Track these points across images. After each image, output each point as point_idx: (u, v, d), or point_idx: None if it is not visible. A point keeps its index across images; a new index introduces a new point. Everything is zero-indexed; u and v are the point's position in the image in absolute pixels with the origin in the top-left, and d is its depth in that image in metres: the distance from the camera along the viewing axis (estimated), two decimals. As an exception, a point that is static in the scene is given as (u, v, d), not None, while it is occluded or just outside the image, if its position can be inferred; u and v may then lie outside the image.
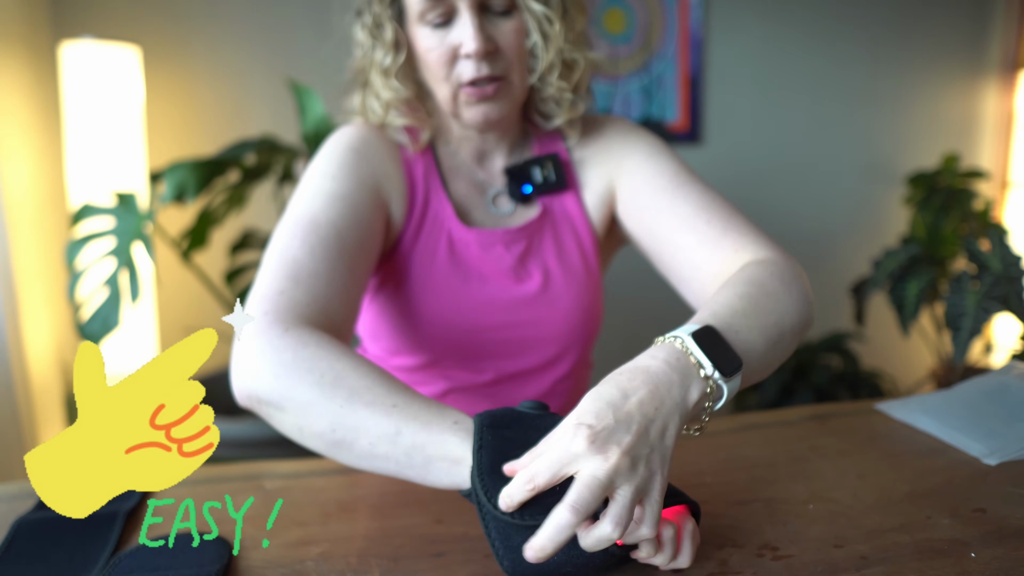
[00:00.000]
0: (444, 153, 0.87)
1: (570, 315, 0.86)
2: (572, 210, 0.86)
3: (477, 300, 0.83)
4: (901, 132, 2.78)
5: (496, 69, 0.76)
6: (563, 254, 0.85)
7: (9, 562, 0.55)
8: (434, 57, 0.76)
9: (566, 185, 0.86)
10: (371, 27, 0.80)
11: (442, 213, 0.83)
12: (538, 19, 0.77)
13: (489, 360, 0.86)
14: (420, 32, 0.77)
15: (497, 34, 0.76)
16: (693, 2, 2.51)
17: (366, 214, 0.75)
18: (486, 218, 0.85)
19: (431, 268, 0.82)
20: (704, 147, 2.63)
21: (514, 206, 0.86)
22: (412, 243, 0.82)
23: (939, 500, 0.64)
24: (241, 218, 2.03)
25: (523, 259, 0.84)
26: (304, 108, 1.60)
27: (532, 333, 0.85)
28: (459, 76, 0.76)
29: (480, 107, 0.78)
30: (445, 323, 0.83)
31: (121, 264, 1.49)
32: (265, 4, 2.20)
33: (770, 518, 0.61)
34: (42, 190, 1.98)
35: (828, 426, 0.81)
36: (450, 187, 0.85)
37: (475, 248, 0.83)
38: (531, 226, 0.85)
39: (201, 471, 0.72)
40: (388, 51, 0.79)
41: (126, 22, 2.10)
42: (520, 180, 0.85)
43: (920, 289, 2.04)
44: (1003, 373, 0.86)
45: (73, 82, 1.81)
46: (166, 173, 1.51)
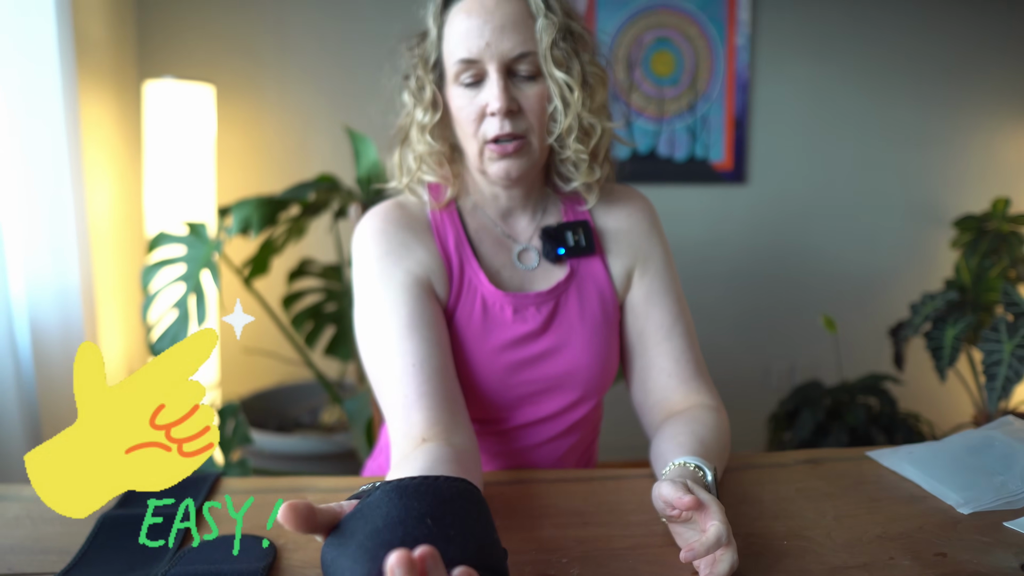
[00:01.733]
0: (468, 211, 0.96)
1: (591, 367, 0.93)
2: (598, 273, 0.95)
3: (509, 359, 0.91)
4: (951, 175, 2.78)
5: (518, 128, 0.86)
6: (586, 312, 0.94)
7: (94, 551, 0.67)
8: (464, 115, 0.87)
9: (594, 251, 0.95)
10: (414, 89, 0.91)
11: (475, 279, 0.91)
12: (559, 86, 0.86)
13: (515, 409, 0.93)
14: (454, 92, 0.88)
15: (521, 97, 0.86)
16: (740, 44, 2.58)
17: (429, 317, 0.86)
18: (513, 274, 0.94)
19: (467, 329, 0.90)
20: (749, 187, 2.68)
21: (538, 261, 0.95)
22: (454, 308, 0.90)
23: (906, 543, 0.70)
24: (299, 247, 2.18)
25: (551, 318, 0.92)
26: (359, 154, 1.73)
27: (556, 384, 0.93)
28: (485, 133, 0.86)
29: (502, 163, 0.87)
30: (478, 379, 0.90)
31: (190, 289, 1.63)
32: (330, 51, 2.37)
33: (745, 551, 0.68)
34: (122, 216, 2.17)
35: (819, 470, 0.88)
36: (479, 250, 0.93)
37: (508, 311, 0.91)
38: (559, 287, 0.93)
39: (252, 482, 0.83)
40: (427, 109, 0.90)
41: (203, 63, 2.28)
42: (555, 242, 0.94)
43: (957, 334, 2.05)
44: (992, 428, 0.91)
45: (154, 117, 1.99)
46: (234, 208, 1.65)
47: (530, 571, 0.65)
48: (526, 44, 0.84)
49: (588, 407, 0.96)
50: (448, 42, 0.87)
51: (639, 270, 0.97)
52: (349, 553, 0.48)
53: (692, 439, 0.80)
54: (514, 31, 0.83)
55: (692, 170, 2.63)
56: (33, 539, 0.70)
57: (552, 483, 0.84)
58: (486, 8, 0.83)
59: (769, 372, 2.80)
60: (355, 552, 0.47)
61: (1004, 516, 0.75)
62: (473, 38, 0.83)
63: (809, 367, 2.78)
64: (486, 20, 0.83)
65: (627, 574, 0.64)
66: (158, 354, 1.60)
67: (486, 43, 0.83)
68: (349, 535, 0.49)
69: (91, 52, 1.97)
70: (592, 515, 0.76)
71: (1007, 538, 0.71)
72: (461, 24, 0.84)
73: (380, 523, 0.49)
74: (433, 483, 0.53)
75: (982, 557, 0.67)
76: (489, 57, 0.84)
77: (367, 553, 0.47)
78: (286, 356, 2.35)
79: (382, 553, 0.46)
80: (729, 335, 2.76)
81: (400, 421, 0.79)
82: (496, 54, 0.83)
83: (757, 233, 2.72)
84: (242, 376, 2.42)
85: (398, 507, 0.50)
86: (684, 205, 2.65)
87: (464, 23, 0.84)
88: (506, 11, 0.83)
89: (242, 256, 2.13)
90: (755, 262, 2.74)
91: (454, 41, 0.85)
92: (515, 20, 0.84)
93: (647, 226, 0.99)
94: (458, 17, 0.85)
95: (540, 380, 0.92)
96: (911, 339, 2.24)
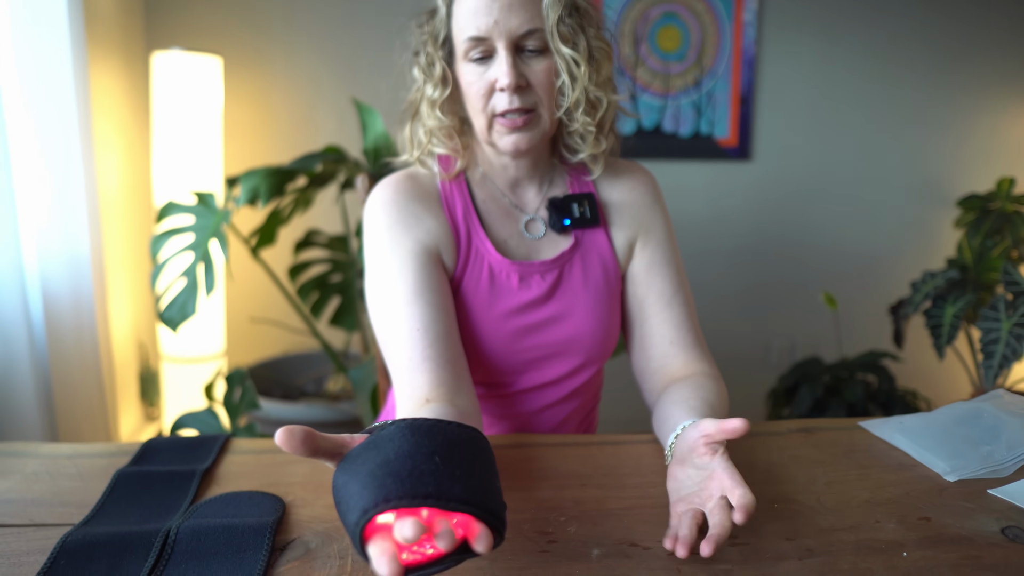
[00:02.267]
0: (476, 182, 0.98)
1: (594, 334, 0.97)
2: (602, 243, 0.98)
3: (515, 324, 0.94)
4: (956, 155, 2.78)
5: (526, 102, 0.88)
6: (589, 280, 0.97)
7: (111, 504, 0.70)
8: (474, 90, 0.89)
9: (599, 223, 0.98)
10: (424, 65, 0.93)
11: (482, 247, 0.94)
12: (566, 61, 0.88)
13: (520, 374, 0.97)
14: (464, 68, 0.89)
15: (529, 72, 0.88)
16: (747, 21, 2.57)
17: (435, 284, 0.89)
18: (520, 243, 0.97)
19: (474, 296, 0.93)
20: (753, 163, 2.69)
21: (544, 231, 0.98)
22: (461, 276, 0.93)
23: (892, 508, 0.73)
24: (305, 218, 2.20)
25: (556, 286, 0.96)
26: (366, 125, 1.74)
27: (559, 350, 0.97)
28: (494, 107, 0.89)
29: (512, 136, 0.90)
30: (484, 345, 0.94)
31: (198, 258, 1.66)
32: (337, 23, 2.37)
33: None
34: (130, 187, 2.18)
35: (812, 439, 0.90)
36: (485, 220, 0.96)
37: (515, 278, 0.94)
38: (563, 256, 0.96)
39: (261, 444, 0.86)
40: (436, 85, 0.92)
41: (211, 34, 2.28)
42: (561, 213, 0.97)
43: (956, 312, 2.06)
44: (982, 400, 0.93)
45: (162, 89, 2.00)
46: (242, 178, 1.67)
47: (529, 528, 0.68)
48: (533, 21, 0.86)
49: (589, 373, 0.99)
50: (457, 20, 0.88)
51: (641, 241, 1.00)
52: (359, 479, 0.50)
53: (703, 404, 0.81)
54: (521, 8, 0.85)
55: (697, 146, 2.63)
56: (52, 493, 0.73)
57: (552, 447, 0.87)
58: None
59: (770, 348, 2.83)
60: (365, 479, 0.50)
61: (989, 484, 0.77)
62: (482, 16, 0.85)
63: (810, 344, 2.80)
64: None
65: (621, 532, 0.67)
66: (167, 321, 1.64)
67: (495, 21, 0.85)
68: (361, 463, 0.52)
69: (100, 24, 1.97)
70: (589, 477, 0.79)
71: (990, 504, 0.73)
72: (470, 2, 0.86)
73: (391, 454, 0.51)
74: (445, 426, 0.56)
75: (965, 521, 0.70)
76: (498, 34, 0.85)
77: (376, 480, 0.49)
78: (292, 326, 2.38)
79: (389, 482, 0.48)
80: (731, 311, 2.78)
81: (405, 383, 0.82)
82: (504, 31, 0.85)
83: (761, 210, 2.73)
84: (248, 345, 2.45)
85: (410, 442, 0.53)
86: (688, 181, 2.66)
87: (473, 2, 0.86)
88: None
89: (249, 226, 2.15)
90: (758, 239, 2.75)
91: (464, 19, 0.87)
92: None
93: (650, 199, 1.02)
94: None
95: (544, 346, 0.95)
96: (911, 317, 2.25)
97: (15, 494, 0.73)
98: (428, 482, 0.49)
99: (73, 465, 0.80)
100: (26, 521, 0.68)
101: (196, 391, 2.01)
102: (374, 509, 0.47)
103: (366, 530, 0.48)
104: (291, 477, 0.77)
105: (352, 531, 0.49)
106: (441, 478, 0.50)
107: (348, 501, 0.50)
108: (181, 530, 0.63)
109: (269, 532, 0.64)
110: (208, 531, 0.63)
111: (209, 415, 1.38)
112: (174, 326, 1.64)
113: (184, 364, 2.11)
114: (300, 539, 0.65)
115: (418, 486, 0.48)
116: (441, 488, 0.49)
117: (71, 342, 1.63)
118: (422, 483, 0.49)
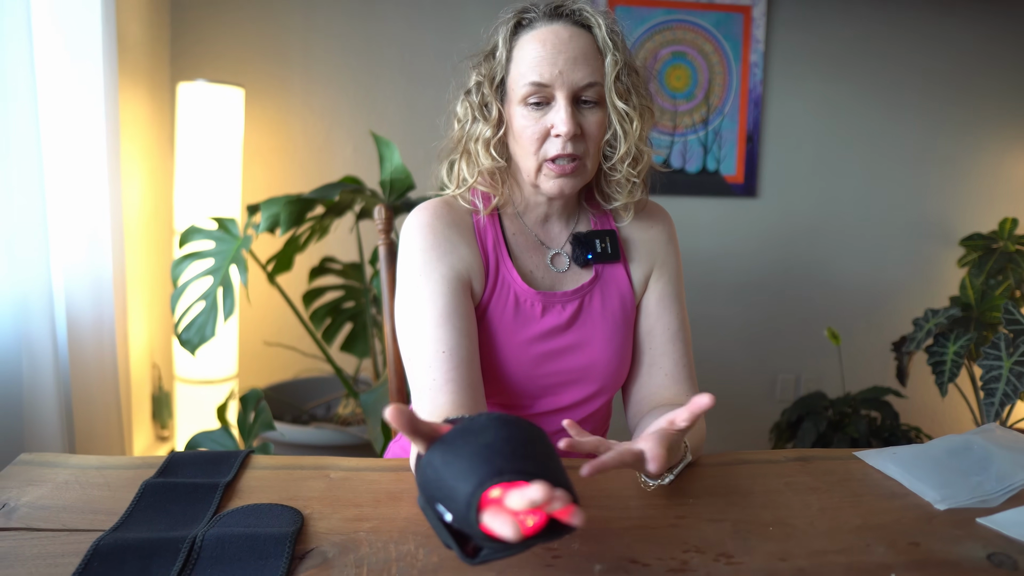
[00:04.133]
0: (508, 216, 1.04)
1: (610, 363, 1.02)
2: (620, 278, 1.05)
3: (537, 350, 0.99)
4: (960, 194, 2.82)
5: (577, 150, 0.94)
6: (607, 311, 1.02)
7: (139, 512, 0.74)
8: (528, 133, 0.94)
9: (619, 258, 1.04)
10: (477, 105, 0.98)
11: (509, 277, 0.99)
12: (620, 115, 0.95)
13: (538, 398, 1.02)
14: (518, 111, 0.95)
15: (584, 122, 0.94)
16: (754, 62, 2.64)
17: (463, 310, 0.94)
18: (545, 275, 1.03)
19: (500, 322, 0.98)
20: (759, 200, 2.74)
21: (568, 264, 1.04)
22: (488, 303, 0.99)
23: (883, 533, 0.76)
24: (321, 245, 2.26)
25: (576, 316, 1.01)
26: (383, 157, 1.80)
27: (577, 376, 1.02)
28: (546, 152, 0.94)
29: (558, 181, 0.95)
30: (507, 369, 0.98)
31: (218, 282, 1.71)
32: (354, 56, 2.45)
33: (733, 534, 0.74)
34: (153, 211, 2.25)
35: (809, 467, 0.93)
36: (514, 252, 1.02)
37: (538, 307, 1.00)
38: (584, 288, 1.02)
39: (280, 460, 0.90)
40: (492, 126, 0.97)
41: (233, 66, 2.37)
42: (583, 248, 1.03)
43: (958, 350, 2.09)
44: (974, 433, 0.96)
45: (186, 118, 2.07)
46: (263, 205, 1.72)
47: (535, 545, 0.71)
48: (594, 75, 0.92)
49: (603, 400, 1.04)
50: (519, 65, 0.94)
51: (655, 275, 1.06)
52: (465, 456, 0.55)
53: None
54: (584, 63, 0.92)
55: (704, 182, 2.69)
56: (83, 501, 0.77)
57: (557, 470, 0.90)
58: (561, 39, 0.92)
59: (775, 383, 2.85)
60: (471, 456, 0.55)
61: (978, 513, 0.80)
62: (547, 65, 0.91)
63: (815, 379, 2.82)
64: (560, 50, 0.91)
65: (622, 549, 0.71)
66: (185, 344, 1.69)
67: (559, 71, 0.91)
68: (461, 444, 0.57)
69: (129, 55, 2.06)
70: (594, 499, 0.82)
71: (978, 532, 0.76)
72: (535, 51, 0.92)
73: (491, 438, 0.57)
74: (526, 423, 0.61)
75: (952, 547, 0.73)
76: (560, 84, 0.91)
77: (482, 457, 0.54)
78: (305, 350, 2.42)
79: (499, 460, 0.54)
80: (737, 346, 2.81)
81: (427, 402, 0.87)
82: (567, 82, 0.91)
83: (766, 246, 2.77)
84: (261, 368, 2.50)
85: (505, 430, 0.58)
86: (696, 217, 2.71)
87: (539, 50, 0.92)
88: (578, 44, 0.92)
89: (266, 252, 2.20)
90: (764, 274, 2.79)
91: (526, 64, 0.93)
92: (586, 53, 0.92)
93: (666, 237, 1.08)
94: (532, 44, 0.93)
95: (563, 372, 1.00)
96: (914, 354, 2.28)
97: (48, 501, 0.77)
98: (531, 462, 0.55)
99: (101, 476, 0.84)
100: (59, 526, 0.72)
101: (208, 413, 2.05)
102: (490, 480, 0.52)
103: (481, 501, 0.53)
104: (309, 492, 0.81)
105: (467, 500, 0.53)
106: (539, 460, 0.56)
107: (456, 476, 0.55)
108: (207, 537, 0.66)
109: (289, 541, 0.67)
110: (232, 539, 0.67)
111: (223, 434, 1.41)
112: (192, 348, 1.69)
113: (197, 385, 2.15)
114: (318, 549, 0.69)
115: (525, 464, 0.54)
116: (541, 468, 0.55)
117: (92, 362, 1.68)
118: (527, 462, 0.54)
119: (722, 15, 2.60)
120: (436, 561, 0.67)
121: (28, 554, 0.66)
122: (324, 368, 2.47)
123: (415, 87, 2.45)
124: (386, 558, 0.67)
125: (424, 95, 2.44)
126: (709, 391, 0.71)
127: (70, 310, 1.64)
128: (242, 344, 2.38)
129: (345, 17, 2.43)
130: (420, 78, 2.45)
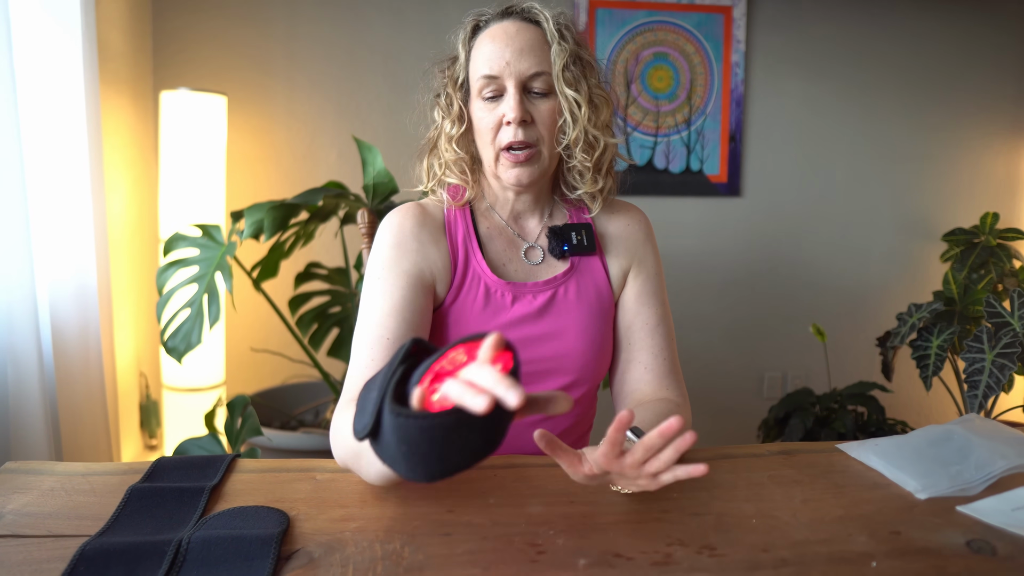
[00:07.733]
0: (481, 212, 1.07)
1: (585, 353, 1.03)
2: (596, 270, 1.07)
3: (507, 338, 1.00)
4: (941, 190, 2.85)
5: (529, 137, 0.98)
6: (582, 301, 1.04)
7: (125, 517, 0.74)
8: (484, 124, 0.99)
9: (595, 250, 1.06)
10: (444, 105, 1.04)
11: (479, 268, 1.02)
12: (569, 102, 0.98)
13: None
14: (477, 105, 1.00)
15: (534, 110, 0.98)
16: (735, 62, 2.66)
17: (418, 306, 0.97)
18: (519, 267, 1.05)
19: (470, 313, 1.01)
20: (743, 199, 2.76)
21: (543, 257, 1.06)
22: (454, 299, 1.01)
23: (864, 523, 0.77)
24: (306, 251, 2.26)
25: (548, 304, 1.03)
26: (366, 162, 1.81)
27: (551, 367, 1.03)
28: (500, 141, 0.98)
29: (515, 170, 0.99)
30: None
31: (203, 289, 1.71)
32: (337, 63, 2.46)
33: (716, 527, 0.75)
34: (137, 219, 2.24)
35: (792, 460, 0.94)
36: (486, 246, 1.04)
37: (508, 297, 1.02)
38: (558, 278, 1.04)
39: (266, 463, 0.90)
40: (454, 122, 1.02)
41: (216, 74, 2.37)
42: (559, 240, 1.05)
43: (941, 344, 2.11)
44: (954, 423, 0.98)
45: (169, 126, 2.07)
46: (246, 212, 1.72)
47: (520, 540, 0.72)
48: (541, 65, 0.97)
49: (580, 392, 1.04)
50: (475, 61, 1.00)
51: (634, 272, 1.08)
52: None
53: (654, 417, 0.91)
54: (531, 54, 0.97)
55: (688, 182, 2.70)
56: (68, 507, 0.77)
57: (543, 467, 0.91)
58: (508, 33, 0.98)
59: (762, 381, 2.87)
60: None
61: (958, 501, 0.81)
62: (496, 58, 0.97)
63: (801, 376, 2.84)
64: (507, 43, 0.97)
65: (606, 543, 0.71)
66: (172, 352, 1.68)
67: (506, 62, 0.96)
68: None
69: (111, 64, 2.05)
70: (578, 495, 0.82)
71: (958, 520, 0.77)
72: (486, 46, 0.98)
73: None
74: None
75: (932, 535, 0.74)
76: (508, 74, 0.96)
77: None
78: (292, 356, 2.42)
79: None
80: (723, 344, 2.83)
81: (357, 378, 0.91)
82: (515, 72, 0.96)
83: (751, 244, 2.79)
84: (248, 375, 2.49)
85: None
86: (680, 216, 2.73)
87: (489, 45, 0.98)
88: (525, 37, 0.97)
89: (251, 258, 2.20)
90: (749, 273, 2.81)
91: (480, 60, 0.99)
92: (532, 45, 0.97)
93: (643, 235, 1.11)
94: (485, 41, 0.99)
95: (536, 361, 1.01)
96: (898, 349, 2.30)
97: (34, 508, 0.77)
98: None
99: (87, 482, 0.84)
100: (45, 532, 0.72)
101: (196, 421, 2.05)
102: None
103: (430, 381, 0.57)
104: (295, 494, 0.81)
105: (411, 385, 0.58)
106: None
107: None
108: (193, 540, 0.67)
109: (275, 542, 0.67)
110: (218, 541, 0.67)
111: (211, 441, 1.41)
112: (179, 356, 1.68)
113: (185, 393, 2.14)
114: (304, 549, 0.69)
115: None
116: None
117: (78, 372, 1.67)
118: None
119: (703, 16, 2.62)
120: (422, 559, 0.67)
121: (14, 560, 0.66)
122: (311, 373, 2.47)
123: (398, 93, 2.46)
124: (372, 557, 0.68)
125: (407, 101, 2.42)
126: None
127: (55, 320, 1.63)
128: (229, 351, 2.38)
129: (328, 24, 2.44)
130: (403, 84, 2.46)
